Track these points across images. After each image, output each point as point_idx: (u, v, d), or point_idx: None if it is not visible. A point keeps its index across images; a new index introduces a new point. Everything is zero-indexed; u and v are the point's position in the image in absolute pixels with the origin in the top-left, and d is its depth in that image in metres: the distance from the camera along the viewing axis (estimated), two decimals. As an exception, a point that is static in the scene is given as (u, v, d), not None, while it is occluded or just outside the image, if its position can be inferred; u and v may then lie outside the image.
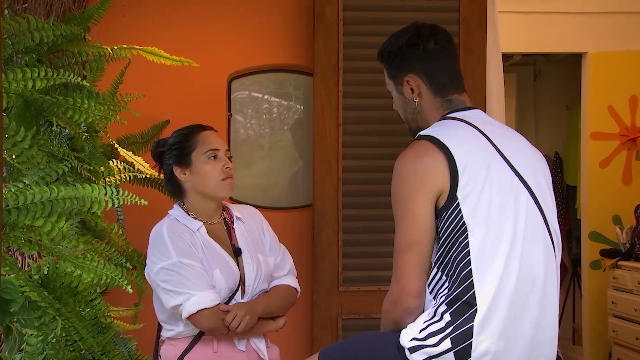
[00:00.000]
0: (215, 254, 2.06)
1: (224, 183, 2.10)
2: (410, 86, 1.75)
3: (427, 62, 1.74)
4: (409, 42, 1.75)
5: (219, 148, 2.12)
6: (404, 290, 1.59)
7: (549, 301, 1.62)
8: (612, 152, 4.53)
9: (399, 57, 1.76)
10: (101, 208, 1.57)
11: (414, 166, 1.60)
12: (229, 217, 2.20)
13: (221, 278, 2.02)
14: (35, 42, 1.81)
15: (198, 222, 2.10)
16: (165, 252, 1.99)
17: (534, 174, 1.67)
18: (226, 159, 2.13)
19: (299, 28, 3.23)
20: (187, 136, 2.13)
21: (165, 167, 2.15)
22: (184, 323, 2.01)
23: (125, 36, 2.90)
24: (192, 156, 2.10)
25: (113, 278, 1.70)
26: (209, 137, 2.13)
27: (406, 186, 1.61)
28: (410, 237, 1.58)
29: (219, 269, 2.03)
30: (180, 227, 2.06)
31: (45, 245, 1.57)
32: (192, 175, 2.10)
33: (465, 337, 1.52)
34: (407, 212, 1.59)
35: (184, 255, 1.98)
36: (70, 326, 1.80)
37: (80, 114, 1.89)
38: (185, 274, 1.96)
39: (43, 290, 1.70)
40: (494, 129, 1.69)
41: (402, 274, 1.59)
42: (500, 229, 1.56)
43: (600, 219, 4.50)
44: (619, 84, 4.50)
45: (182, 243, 2.01)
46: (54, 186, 1.53)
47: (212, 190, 2.10)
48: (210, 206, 2.14)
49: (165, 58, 2.44)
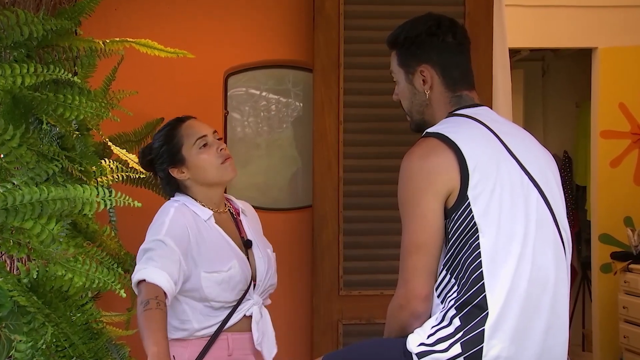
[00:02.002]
0: (227, 244, 2.06)
1: (225, 166, 2.09)
2: (423, 77, 1.75)
3: (444, 55, 1.74)
4: (429, 31, 1.74)
5: (205, 133, 2.10)
6: (411, 294, 1.58)
7: (560, 304, 1.62)
8: (624, 151, 4.53)
9: (416, 44, 1.75)
10: (93, 210, 1.57)
11: (423, 165, 1.60)
12: (234, 209, 2.20)
13: (238, 268, 2.01)
14: (24, 36, 1.81)
15: (208, 210, 2.09)
16: (160, 228, 1.96)
17: (544, 173, 1.67)
18: (217, 142, 2.11)
19: (298, 22, 3.23)
20: (170, 134, 2.12)
21: (160, 172, 2.15)
22: (196, 321, 1.99)
23: (117, 30, 2.89)
24: (182, 152, 2.09)
25: (105, 282, 1.70)
26: (192, 127, 2.12)
27: (414, 185, 1.60)
28: (419, 238, 1.58)
29: (236, 260, 2.02)
30: (187, 215, 2.03)
31: (35, 248, 1.57)
32: (191, 171, 2.09)
33: (476, 342, 1.52)
34: (416, 213, 1.59)
35: (171, 237, 1.94)
36: (61, 332, 1.80)
37: (71, 111, 1.89)
38: (159, 250, 1.90)
39: (32, 295, 1.70)
40: (503, 128, 1.70)
41: (410, 277, 1.58)
42: (512, 230, 1.57)
43: (611, 220, 4.51)
44: (631, 81, 4.50)
45: (179, 229, 1.98)
46: (43, 187, 1.53)
47: (215, 177, 2.10)
48: (217, 193, 2.14)
49: (159, 50, 2.44)
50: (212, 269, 1.99)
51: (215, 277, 1.98)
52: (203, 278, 1.97)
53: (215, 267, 1.99)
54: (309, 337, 3.12)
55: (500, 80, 3.20)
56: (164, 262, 1.86)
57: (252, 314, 2.06)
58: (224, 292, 2.00)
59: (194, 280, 1.98)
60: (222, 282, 1.99)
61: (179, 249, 1.93)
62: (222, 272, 1.99)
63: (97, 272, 1.69)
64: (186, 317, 2.00)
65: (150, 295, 1.78)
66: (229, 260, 2.02)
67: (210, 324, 2.01)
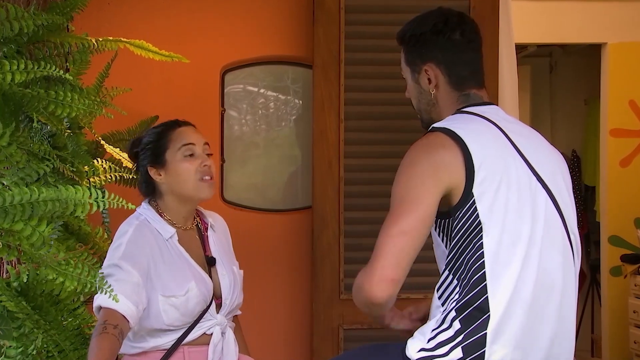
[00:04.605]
0: (187, 264, 2.06)
1: (202, 184, 2.07)
2: (427, 76, 1.75)
3: (450, 53, 1.73)
4: (433, 29, 1.73)
5: (194, 142, 2.09)
6: (376, 276, 1.48)
7: (567, 310, 1.62)
8: (634, 150, 4.53)
9: (420, 43, 1.75)
10: (85, 211, 1.57)
11: (428, 156, 1.58)
12: (202, 224, 2.20)
13: (196, 291, 2.01)
14: (14, 32, 1.81)
15: (171, 228, 2.08)
16: (115, 252, 1.96)
17: (553, 175, 1.67)
18: (204, 156, 2.09)
19: (297, 16, 3.23)
20: (160, 134, 2.11)
21: (141, 167, 2.14)
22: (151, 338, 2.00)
23: (110, 26, 2.90)
24: (166, 155, 2.08)
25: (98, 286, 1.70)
26: (184, 133, 2.11)
27: (415, 170, 1.57)
28: (408, 223, 1.51)
29: (195, 281, 2.02)
30: (147, 234, 2.03)
31: (25, 251, 1.57)
32: (168, 176, 2.08)
33: (478, 346, 1.52)
34: (411, 197, 1.54)
35: (127, 259, 1.94)
36: (51, 338, 1.80)
37: (63, 108, 1.88)
38: (116, 275, 1.90)
39: (22, 300, 1.70)
40: (512, 126, 1.69)
41: (383, 257, 1.49)
42: (517, 231, 1.56)
43: (620, 221, 4.51)
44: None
45: (137, 250, 1.98)
46: (34, 187, 1.53)
47: (190, 192, 2.08)
48: (187, 209, 2.13)
49: (153, 53, 2.44)
50: (169, 293, 1.99)
51: (172, 301, 1.98)
52: (161, 301, 1.98)
53: (173, 290, 1.99)
54: (309, 343, 3.12)
55: (506, 76, 3.20)
56: (120, 286, 1.86)
57: (213, 333, 2.06)
58: (182, 316, 2.00)
59: (152, 303, 1.97)
60: (180, 307, 1.99)
61: (136, 271, 1.93)
62: (180, 297, 1.99)
63: (90, 275, 1.69)
64: (141, 337, 2.01)
65: (107, 320, 1.80)
66: (186, 282, 2.01)
67: (167, 341, 2.02)
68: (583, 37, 4.57)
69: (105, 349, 1.74)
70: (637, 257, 4.20)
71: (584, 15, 4.45)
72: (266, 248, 3.19)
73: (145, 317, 1.96)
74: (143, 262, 1.96)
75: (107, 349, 1.74)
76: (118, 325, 1.80)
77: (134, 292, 1.89)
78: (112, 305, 1.82)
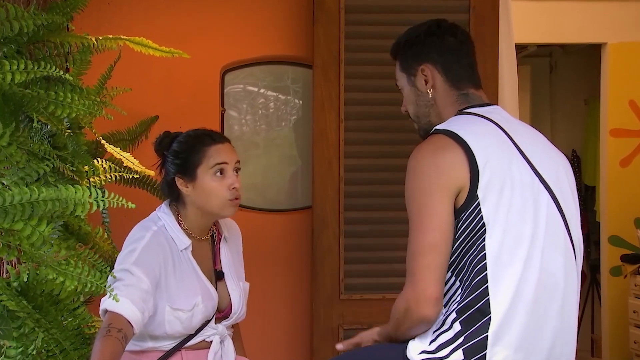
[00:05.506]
0: (197, 278, 2.08)
1: (230, 204, 2.08)
2: (424, 76, 1.76)
3: (445, 54, 1.75)
4: (428, 32, 1.77)
5: (227, 161, 2.08)
6: (422, 296, 1.54)
7: (569, 312, 1.62)
8: (634, 150, 4.53)
9: (416, 45, 1.77)
10: (85, 211, 1.57)
11: (432, 161, 1.59)
12: (217, 234, 2.21)
13: (202, 307, 2.04)
14: (14, 32, 1.81)
15: (187, 239, 2.09)
16: (129, 256, 1.97)
17: (556, 176, 1.67)
18: (234, 177, 2.08)
19: (297, 16, 3.23)
20: (195, 148, 2.09)
21: (167, 172, 2.13)
22: (151, 339, 2.02)
23: (110, 26, 2.90)
24: (197, 171, 2.07)
25: (98, 285, 1.70)
26: (220, 152, 2.09)
27: (424, 182, 1.58)
28: (430, 238, 1.55)
29: (202, 296, 2.05)
30: (163, 243, 2.04)
31: (25, 251, 1.57)
32: (195, 190, 2.07)
33: (479, 348, 1.52)
34: (426, 211, 1.57)
35: (140, 265, 1.94)
36: (51, 337, 1.80)
37: (63, 108, 1.88)
38: (126, 280, 1.91)
39: (22, 300, 1.70)
40: (514, 127, 1.70)
41: (421, 277, 1.54)
42: (519, 233, 1.56)
43: (620, 221, 4.51)
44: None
45: (151, 257, 1.98)
46: (34, 187, 1.53)
47: (215, 209, 2.09)
48: (207, 223, 2.15)
49: (154, 49, 2.44)
50: (176, 306, 2.01)
51: (178, 315, 2.00)
52: (167, 312, 1.99)
53: (181, 304, 2.01)
54: (309, 343, 3.12)
55: (506, 76, 3.20)
56: (129, 291, 1.88)
57: (212, 341, 2.09)
58: (184, 329, 2.03)
59: (158, 312, 1.99)
60: (184, 321, 2.02)
61: (147, 278, 1.94)
62: (186, 312, 2.01)
63: (90, 275, 1.69)
64: (142, 336, 2.02)
65: (112, 323, 1.82)
66: (194, 296, 2.03)
67: (166, 344, 2.05)
68: (583, 37, 4.57)
69: (108, 352, 1.75)
70: (637, 257, 4.20)
71: (584, 15, 4.45)
72: (266, 248, 3.20)
73: (149, 323, 1.98)
74: (155, 271, 1.98)
75: (109, 352, 1.75)
76: (122, 329, 1.81)
77: (141, 298, 1.90)
78: (118, 310, 1.85)
